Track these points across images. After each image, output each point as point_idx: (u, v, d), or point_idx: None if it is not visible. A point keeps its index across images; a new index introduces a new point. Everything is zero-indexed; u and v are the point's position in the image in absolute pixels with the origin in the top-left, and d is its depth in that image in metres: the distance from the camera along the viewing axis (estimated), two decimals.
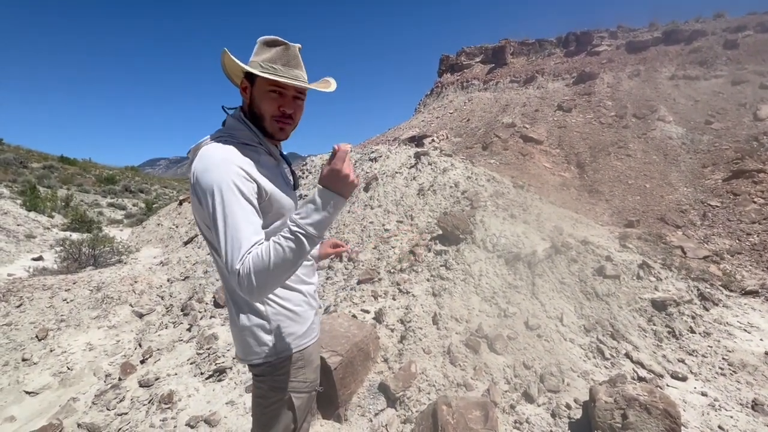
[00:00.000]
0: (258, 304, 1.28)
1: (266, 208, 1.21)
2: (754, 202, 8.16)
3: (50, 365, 3.75)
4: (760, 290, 4.99)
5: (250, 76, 1.25)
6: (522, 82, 19.04)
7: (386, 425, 2.62)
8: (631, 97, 14.45)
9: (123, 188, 21.78)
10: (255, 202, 1.12)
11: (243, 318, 1.28)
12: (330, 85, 1.35)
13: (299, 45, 1.26)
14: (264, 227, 1.20)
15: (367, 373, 3.04)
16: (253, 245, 1.02)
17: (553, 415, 2.70)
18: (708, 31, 17.49)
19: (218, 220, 1.04)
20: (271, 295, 1.28)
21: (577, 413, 2.68)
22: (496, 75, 20.89)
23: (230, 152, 1.14)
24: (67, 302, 4.74)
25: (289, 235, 1.00)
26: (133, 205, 17.95)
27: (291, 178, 1.43)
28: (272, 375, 1.31)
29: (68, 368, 3.73)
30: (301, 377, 1.36)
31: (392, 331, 3.50)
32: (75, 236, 8.55)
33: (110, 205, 17.09)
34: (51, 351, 3.93)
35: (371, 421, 2.69)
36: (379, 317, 3.63)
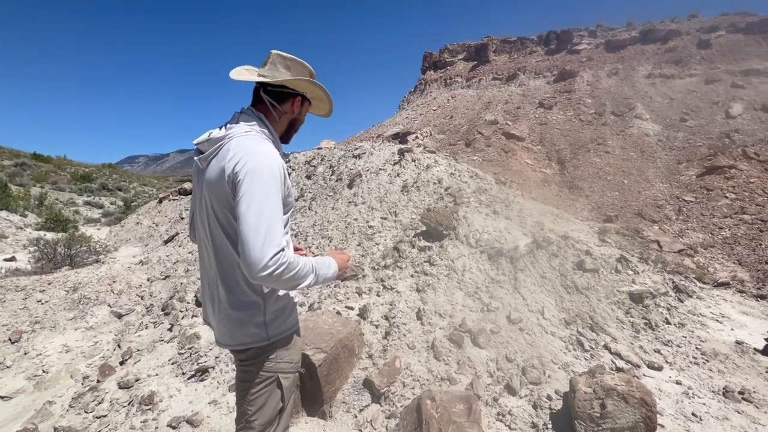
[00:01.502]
0: (252, 291, 1.33)
1: (283, 203, 1.32)
2: (726, 197, 8.46)
3: (24, 368, 3.63)
4: (731, 282, 5.18)
5: (304, 96, 1.48)
6: (504, 80, 19.24)
7: (371, 421, 2.63)
8: (609, 95, 14.77)
9: (100, 186, 21.19)
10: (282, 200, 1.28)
11: (237, 304, 1.33)
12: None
13: None
14: None
15: (352, 370, 3.04)
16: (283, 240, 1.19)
17: (535, 407, 2.75)
18: (683, 31, 18.01)
19: (262, 204, 1.15)
20: None
21: (558, 404, 2.74)
22: (479, 72, 21.04)
23: (273, 148, 1.31)
24: (42, 303, 4.59)
25: (310, 268, 1.26)
26: (111, 204, 17.47)
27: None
28: (261, 358, 1.38)
29: (43, 371, 3.62)
30: (287, 358, 1.43)
31: (376, 327, 3.51)
32: (50, 236, 8.27)
33: (87, 203, 16.59)
34: (25, 354, 3.80)
35: (356, 417, 2.69)
36: (363, 313, 3.64)
